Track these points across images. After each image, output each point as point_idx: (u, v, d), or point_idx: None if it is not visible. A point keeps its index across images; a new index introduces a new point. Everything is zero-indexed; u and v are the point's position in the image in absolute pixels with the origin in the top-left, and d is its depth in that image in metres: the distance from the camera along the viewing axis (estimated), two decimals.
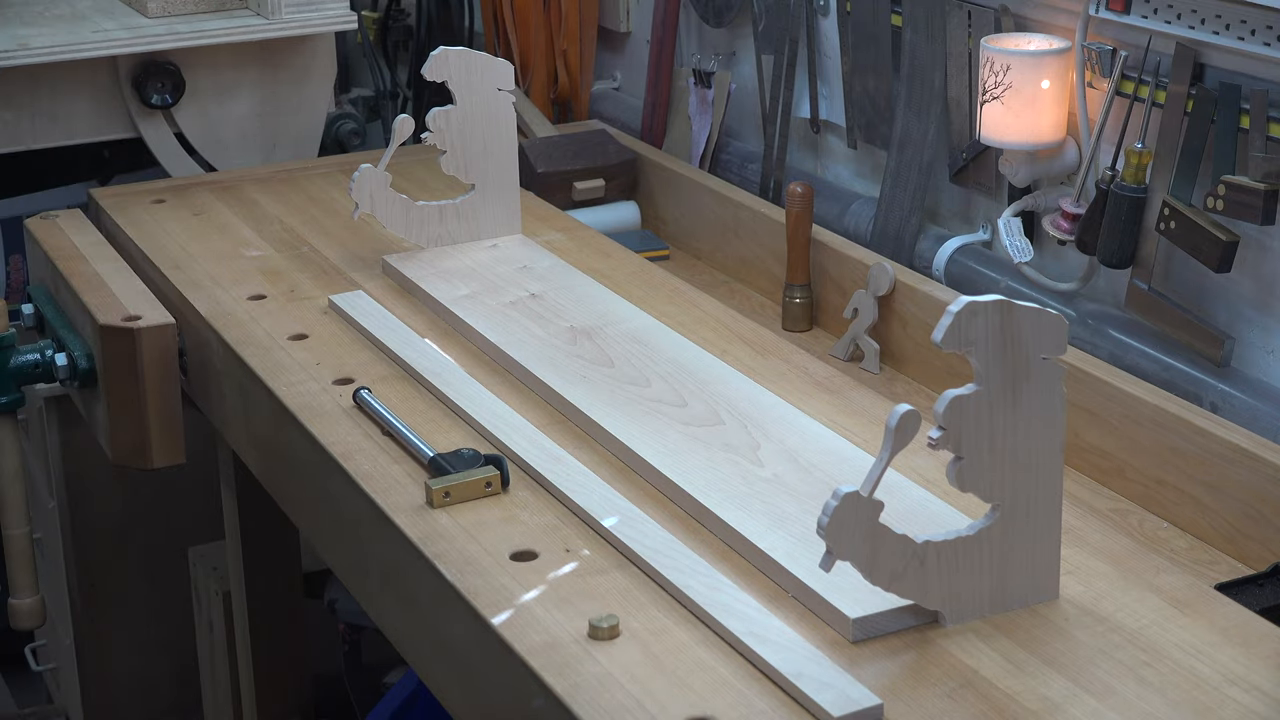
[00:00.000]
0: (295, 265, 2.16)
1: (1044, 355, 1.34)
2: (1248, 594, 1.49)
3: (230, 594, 2.40)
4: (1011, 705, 1.29)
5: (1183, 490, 1.66)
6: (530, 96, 2.75)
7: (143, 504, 2.66)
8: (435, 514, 1.55)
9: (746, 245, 2.28)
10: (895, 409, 1.30)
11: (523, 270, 2.09)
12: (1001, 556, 1.38)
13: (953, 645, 1.36)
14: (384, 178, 2.10)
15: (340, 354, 1.90)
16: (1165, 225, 1.76)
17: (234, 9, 2.65)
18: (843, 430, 1.70)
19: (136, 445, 2.07)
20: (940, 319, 1.30)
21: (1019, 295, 1.90)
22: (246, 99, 2.69)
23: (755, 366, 1.85)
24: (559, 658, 1.34)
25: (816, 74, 2.30)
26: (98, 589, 2.66)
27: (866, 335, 2.02)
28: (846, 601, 1.38)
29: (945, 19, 2.04)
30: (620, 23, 2.75)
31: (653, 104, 2.61)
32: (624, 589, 1.44)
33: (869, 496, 1.31)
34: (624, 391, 1.76)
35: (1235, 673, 1.33)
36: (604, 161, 2.51)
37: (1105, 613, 1.40)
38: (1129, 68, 1.81)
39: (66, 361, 2.12)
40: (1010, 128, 1.89)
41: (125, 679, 2.70)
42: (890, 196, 2.16)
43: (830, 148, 2.35)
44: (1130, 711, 1.28)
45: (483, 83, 2.11)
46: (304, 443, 1.73)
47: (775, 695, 1.30)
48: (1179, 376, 1.77)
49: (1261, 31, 1.64)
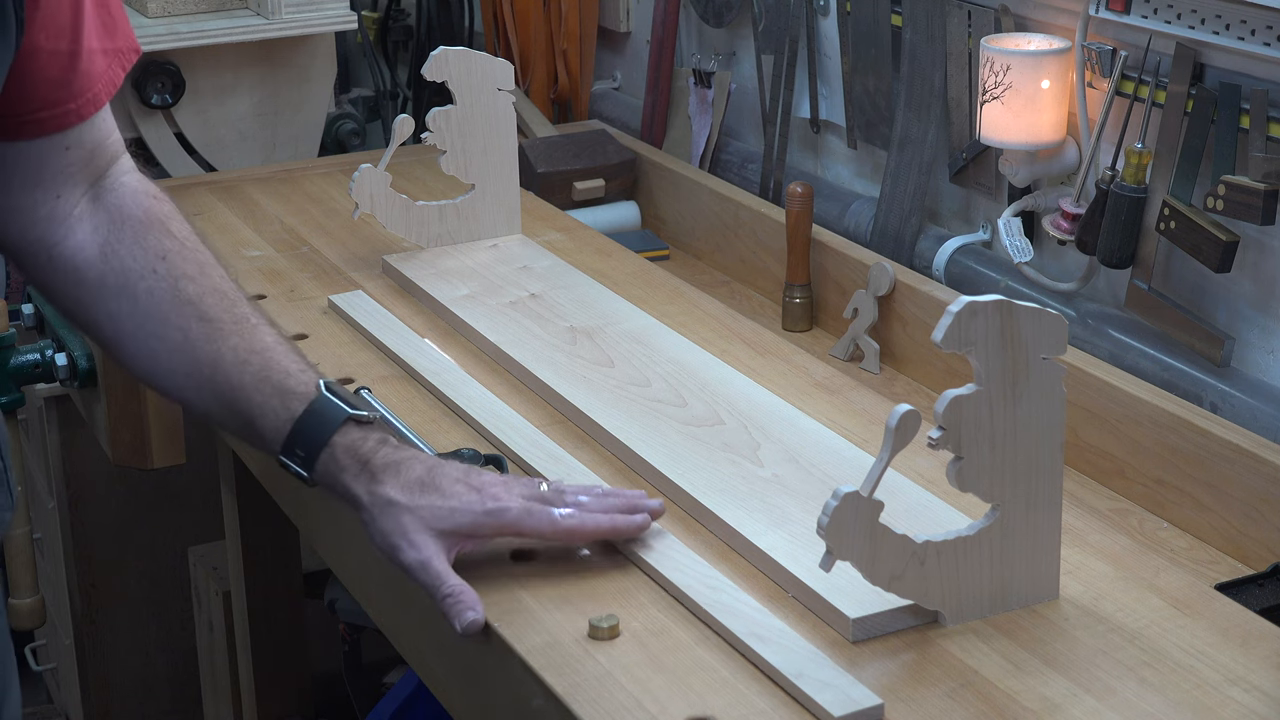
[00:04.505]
0: (295, 265, 2.16)
1: (1044, 355, 1.34)
2: (1248, 594, 1.49)
3: (230, 594, 2.40)
4: (1011, 705, 1.29)
5: (1183, 490, 1.66)
6: (530, 96, 2.75)
7: (143, 504, 2.66)
8: None
9: (746, 245, 2.28)
10: (895, 409, 1.30)
11: (523, 270, 2.09)
12: (1001, 556, 1.38)
13: (953, 645, 1.36)
14: (384, 178, 2.10)
15: (340, 354, 1.90)
16: (1165, 225, 1.76)
17: (234, 9, 2.65)
18: (843, 430, 1.70)
19: (136, 445, 2.07)
20: (940, 319, 1.30)
21: (1019, 295, 1.90)
22: (246, 99, 2.69)
23: (755, 366, 1.85)
24: (559, 657, 1.34)
25: (816, 74, 2.30)
26: (98, 589, 2.66)
27: (866, 335, 2.02)
28: (846, 601, 1.38)
29: (945, 19, 2.04)
30: (620, 23, 2.75)
31: (653, 104, 2.61)
32: (624, 589, 1.44)
33: (869, 496, 1.31)
34: (624, 391, 1.76)
35: (1235, 673, 1.33)
36: (604, 161, 2.51)
37: (1105, 613, 1.41)
38: (1129, 68, 1.81)
39: (66, 361, 2.12)
40: (1010, 128, 1.89)
41: (125, 679, 2.70)
42: (890, 196, 2.16)
43: (830, 148, 2.35)
44: (1130, 711, 1.28)
45: (483, 83, 2.11)
46: None
47: (775, 695, 1.30)
48: (1179, 376, 1.77)
49: (1261, 31, 1.64)
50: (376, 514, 1.40)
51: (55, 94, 1.36)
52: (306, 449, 1.42)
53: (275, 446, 1.44)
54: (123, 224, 1.44)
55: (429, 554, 1.39)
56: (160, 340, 1.44)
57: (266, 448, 1.45)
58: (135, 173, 1.48)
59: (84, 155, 1.41)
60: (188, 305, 1.44)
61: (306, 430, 1.42)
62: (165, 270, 1.44)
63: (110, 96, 1.42)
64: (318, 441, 1.42)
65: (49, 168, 1.40)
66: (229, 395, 1.43)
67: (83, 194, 1.43)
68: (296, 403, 1.43)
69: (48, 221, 1.42)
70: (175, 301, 1.43)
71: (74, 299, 1.45)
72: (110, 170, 1.45)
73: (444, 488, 1.40)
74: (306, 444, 1.42)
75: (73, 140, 1.39)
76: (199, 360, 1.43)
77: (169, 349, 1.44)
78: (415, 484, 1.40)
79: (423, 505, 1.39)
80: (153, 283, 1.43)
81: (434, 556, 1.39)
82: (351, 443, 1.42)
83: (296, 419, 1.42)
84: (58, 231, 1.42)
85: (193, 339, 1.43)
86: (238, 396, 1.43)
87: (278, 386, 1.43)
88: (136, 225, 1.44)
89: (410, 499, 1.39)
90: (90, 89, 1.39)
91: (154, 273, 1.43)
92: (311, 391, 1.43)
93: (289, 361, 1.45)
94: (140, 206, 1.45)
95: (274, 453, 1.44)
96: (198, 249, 1.47)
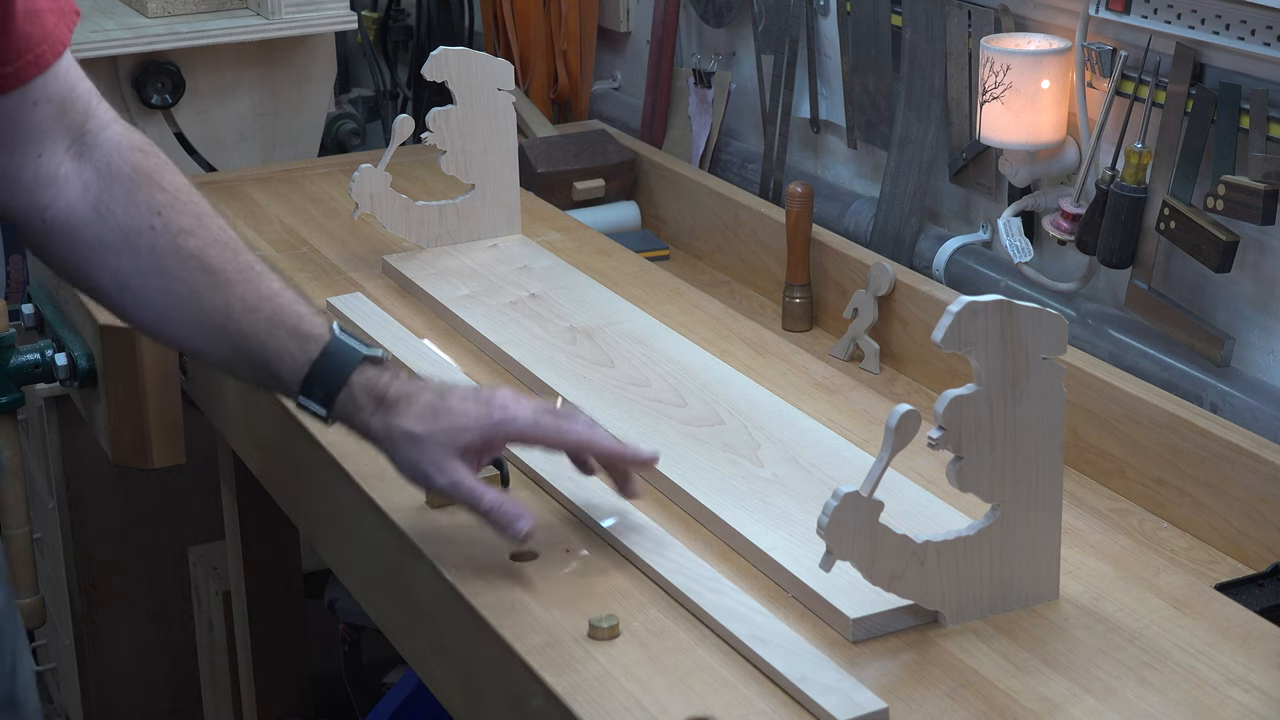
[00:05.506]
0: (295, 265, 2.16)
1: (1044, 355, 1.34)
2: (1248, 594, 1.49)
3: (230, 594, 2.40)
4: (1011, 705, 1.29)
5: (1183, 490, 1.66)
6: (530, 96, 2.75)
7: (143, 504, 2.66)
8: (435, 514, 1.55)
9: (746, 245, 2.28)
10: (895, 409, 1.30)
11: (523, 270, 2.09)
12: (1001, 556, 1.38)
13: (953, 645, 1.36)
14: (384, 178, 2.10)
15: None
16: (1165, 225, 1.76)
17: (234, 9, 2.65)
18: (843, 430, 1.70)
19: (136, 445, 2.07)
20: (940, 319, 1.30)
21: (1019, 295, 1.90)
22: (246, 99, 2.69)
23: (755, 366, 1.86)
24: (559, 657, 1.34)
25: (816, 74, 2.30)
26: (98, 589, 2.66)
27: (866, 335, 2.02)
28: (846, 601, 1.38)
29: (945, 19, 2.04)
30: (620, 23, 2.75)
31: (653, 104, 2.61)
32: (624, 589, 1.44)
33: (869, 496, 1.31)
34: (624, 391, 1.76)
35: (1235, 673, 1.33)
36: (604, 161, 2.51)
37: (1105, 613, 1.41)
38: (1129, 68, 1.81)
39: (66, 361, 2.12)
40: (1010, 128, 1.89)
41: (125, 679, 2.70)
42: (890, 196, 2.16)
43: (830, 148, 2.35)
44: (1130, 711, 1.28)
45: (483, 83, 2.11)
46: (304, 443, 1.73)
47: (776, 695, 1.30)
48: (1179, 376, 1.77)
49: (1261, 31, 1.64)
50: (399, 447, 1.45)
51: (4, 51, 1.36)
52: (325, 389, 1.46)
53: (293, 388, 1.47)
54: (112, 181, 1.44)
55: (459, 475, 1.45)
56: (166, 294, 1.46)
57: (284, 389, 1.48)
58: (118, 125, 1.47)
59: (54, 110, 1.41)
60: (190, 259, 1.46)
61: (324, 371, 1.46)
62: (162, 226, 1.45)
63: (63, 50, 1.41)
64: (336, 382, 1.46)
65: (21, 127, 1.40)
66: (242, 343, 1.47)
67: (65, 151, 1.43)
68: (312, 345, 1.46)
69: (34, 184, 1.42)
70: (177, 256, 1.45)
71: (74, 262, 1.46)
72: (88, 125, 1.45)
73: (455, 408, 1.46)
74: (325, 384, 1.46)
75: (38, 94, 1.39)
76: (208, 311, 1.46)
77: (176, 302, 1.46)
78: (428, 411, 1.45)
79: (438, 430, 1.45)
80: (151, 239, 1.44)
81: (464, 476, 1.45)
82: (367, 381, 1.46)
83: (314, 361, 1.46)
84: (47, 194, 1.43)
85: (199, 291, 1.46)
86: (251, 344, 1.46)
87: (292, 330, 1.46)
88: (126, 182, 1.45)
89: (426, 427, 1.44)
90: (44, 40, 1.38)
91: (151, 229, 1.44)
92: (325, 334, 1.47)
93: (299, 306, 1.48)
94: (128, 162, 1.45)
95: (291, 394, 1.48)
96: (191, 200, 1.48)
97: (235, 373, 1.53)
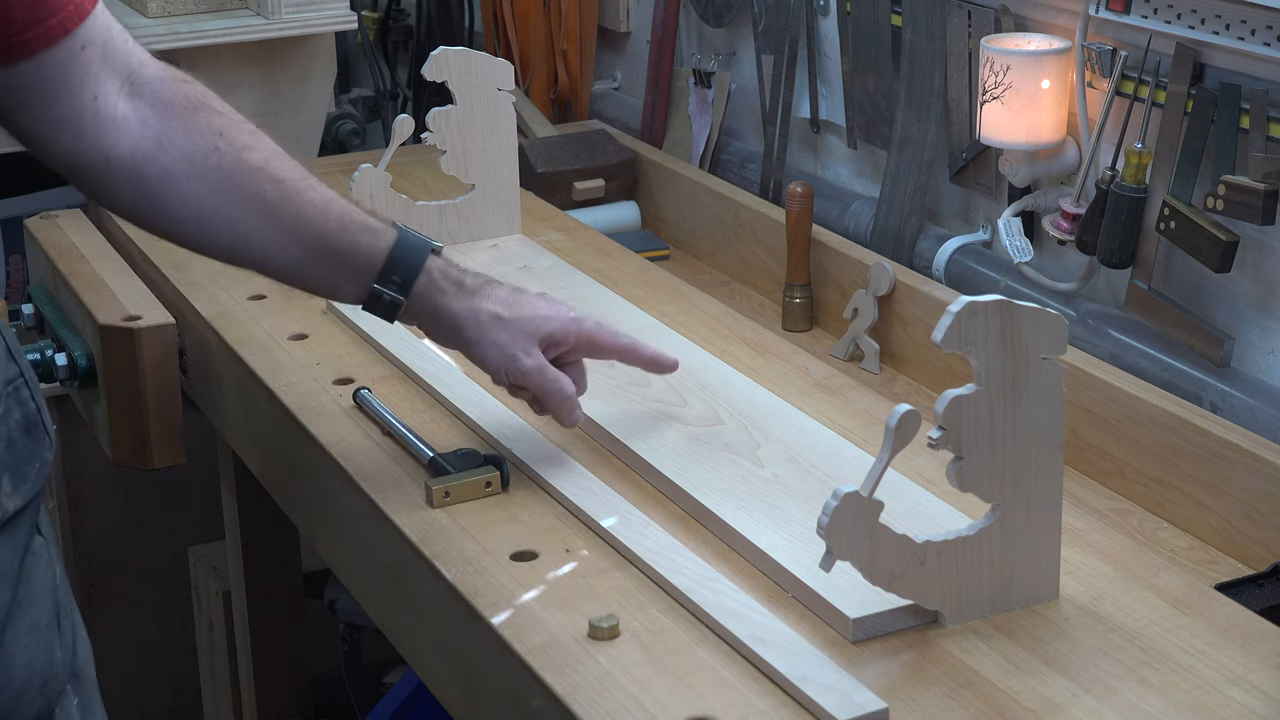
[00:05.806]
0: None
1: (1044, 355, 1.34)
2: (1248, 594, 1.49)
3: (230, 594, 2.40)
4: (1011, 705, 1.29)
5: (1183, 490, 1.66)
6: (530, 96, 2.75)
7: (143, 504, 2.66)
8: (435, 514, 1.55)
9: (746, 245, 2.28)
10: (895, 409, 1.30)
11: (523, 270, 2.09)
12: (1001, 556, 1.38)
13: (953, 645, 1.36)
14: (384, 178, 2.10)
15: (340, 354, 1.90)
16: (1165, 225, 1.76)
17: (234, 9, 2.65)
18: (843, 430, 1.70)
19: (136, 445, 2.07)
20: (940, 319, 1.30)
21: (1019, 295, 1.90)
22: (246, 99, 2.68)
23: (755, 366, 1.85)
24: (559, 657, 1.34)
25: (816, 74, 2.30)
26: (98, 589, 2.66)
27: (866, 335, 2.02)
28: (846, 601, 1.38)
29: (945, 19, 2.04)
30: (620, 23, 2.75)
31: (653, 104, 2.61)
32: (624, 589, 1.44)
33: (869, 496, 1.31)
34: (624, 391, 1.76)
35: (1235, 673, 1.33)
36: (604, 161, 2.51)
37: (1105, 613, 1.40)
38: (1129, 68, 1.81)
39: (66, 361, 2.12)
40: (1010, 128, 1.89)
41: (125, 679, 2.70)
42: (890, 196, 2.16)
43: (830, 148, 2.35)
44: (1130, 711, 1.28)
45: (483, 83, 2.11)
46: (304, 443, 1.73)
47: (776, 695, 1.30)
48: (1179, 376, 1.77)
49: (1261, 31, 1.64)
50: (486, 329, 1.55)
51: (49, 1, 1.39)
52: (403, 275, 1.53)
53: (369, 277, 1.53)
54: (169, 113, 1.49)
55: (542, 360, 1.57)
56: (242, 208, 1.51)
57: (356, 282, 1.54)
58: (156, 62, 1.52)
59: (99, 53, 1.43)
60: (258, 171, 1.52)
61: (401, 258, 1.53)
62: (226, 146, 1.51)
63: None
64: (413, 266, 1.54)
65: (74, 73, 1.42)
66: (317, 244, 1.53)
67: (118, 92, 1.46)
68: (384, 236, 1.54)
69: (95, 126, 1.45)
70: (245, 171, 1.51)
71: (144, 197, 1.49)
72: (131, 64, 1.48)
73: (534, 301, 1.59)
74: (403, 270, 1.53)
75: (84, 39, 1.42)
76: (280, 218, 1.52)
77: (251, 215, 1.51)
78: (512, 298, 1.57)
79: (522, 317, 1.56)
80: (218, 159, 1.50)
81: (545, 363, 1.57)
82: (442, 267, 1.56)
83: (391, 247, 1.53)
84: (109, 135, 1.46)
85: (271, 200, 1.51)
86: (326, 243, 1.53)
87: (363, 225, 1.54)
88: (182, 111, 1.50)
89: (511, 312, 1.56)
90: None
91: (216, 150, 1.50)
92: (392, 228, 1.55)
93: (358, 207, 1.56)
94: (179, 94, 1.51)
95: (365, 284, 1.54)
96: (244, 119, 1.55)
97: (304, 277, 1.57)
